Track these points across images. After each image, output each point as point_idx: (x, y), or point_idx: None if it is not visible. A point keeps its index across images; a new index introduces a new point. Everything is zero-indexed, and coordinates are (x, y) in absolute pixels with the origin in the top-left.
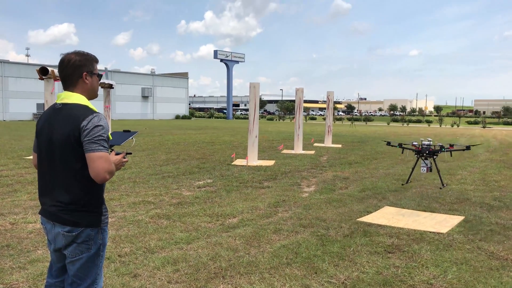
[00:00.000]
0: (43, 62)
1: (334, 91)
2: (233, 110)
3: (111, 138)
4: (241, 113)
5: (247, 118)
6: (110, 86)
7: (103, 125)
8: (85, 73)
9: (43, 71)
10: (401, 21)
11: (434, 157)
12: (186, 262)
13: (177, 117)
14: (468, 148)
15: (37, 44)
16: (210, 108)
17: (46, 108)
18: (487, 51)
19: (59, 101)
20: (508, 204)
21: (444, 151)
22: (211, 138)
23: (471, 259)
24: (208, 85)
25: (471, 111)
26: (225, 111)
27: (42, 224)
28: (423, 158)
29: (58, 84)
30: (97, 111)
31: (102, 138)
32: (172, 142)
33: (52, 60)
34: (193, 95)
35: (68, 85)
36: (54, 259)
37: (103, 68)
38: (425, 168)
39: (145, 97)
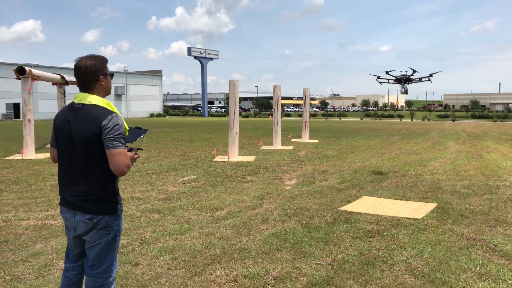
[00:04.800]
0: (8, 60)
1: (310, 88)
2: (208, 107)
3: (127, 134)
4: (216, 111)
5: (223, 116)
6: None
7: (121, 124)
8: (101, 76)
9: (21, 71)
10: (372, 17)
11: None
12: (182, 251)
13: (152, 115)
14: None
15: (0, 41)
16: (185, 106)
17: (21, 107)
18: (455, 47)
19: (77, 101)
20: (476, 192)
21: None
22: (190, 135)
23: (444, 240)
24: (181, 82)
25: (440, 105)
26: (199, 108)
27: (61, 213)
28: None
29: (35, 83)
30: (115, 111)
31: (121, 135)
32: (151, 140)
33: (18, 58)
34: (166, 93)
35: (86, 88)
36: (72, 245)
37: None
38: None
39: (118, 96)
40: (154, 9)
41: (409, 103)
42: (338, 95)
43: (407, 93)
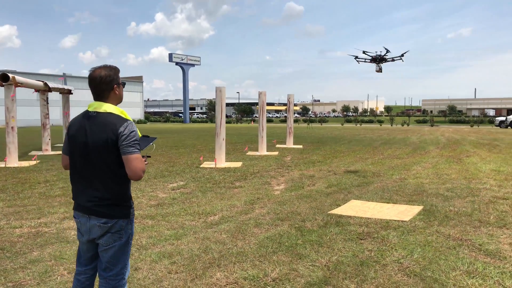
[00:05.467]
0: None
1: (294, 94)
2: (190, 113)
3: None
4: (198, 117)
5: (205, 122)
6: (70, 92)
7: (136, 130)
8: (115, 85)
9: (4, 78)
10: (352, 24)
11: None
12: (180, 255)
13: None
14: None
15: None
16: (166, 112)
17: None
18: (432, 53)
19: (92, 110)
20: (459, 194)
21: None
22: (174, 142)
23: (432, 241)
24: (162, 88)
25: (419, 110)
26: (181, 115)
27: (75, 218)
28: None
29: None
30: (129, 118)
31: (137, 142)
32: None
33: None
34: (147, 99)
35: (101, 98)
36: (84, 249)
37: (61, 74)
38: None
39: None
40: (133, 14)
41: (388, 109)
42: (319, 101)
43: (381, 71)
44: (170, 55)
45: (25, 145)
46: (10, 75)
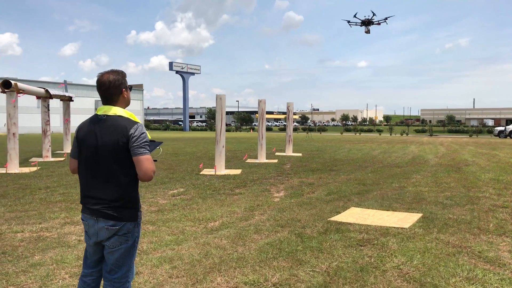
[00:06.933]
0: None
1: (293, 102)
2: (189, 121)
3: None
4: (197, 125)
5: (204, 130)
6: (70, 99)
7: (146, 132)
8: (123, 89)
9: (6, 85)
10: (350, 34)
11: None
12: (181, 260)
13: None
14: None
15: None
16: (165, 120)
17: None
18: (431, 63)
19: (101, 113)
20: (458, 202)
21: None
22: (174, 149)
23: (431, 247)
24: (162, 96)
25: (418, 120)
26: (180, 123)
27: (83, 220)
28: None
29: (19, 97)
30: (138, 121)
31: (147, 143)
32: None
33: None
34: (147, 107)
35: (110, 101)
36: (92, 252)
37: (62, 81)
38: None
39: None
40: (133, 23)
41: (387, 118)
42: (318, 109)
43: (369, 33)
44: (171, 64)
45: (26, 152)
46: (13, 82)
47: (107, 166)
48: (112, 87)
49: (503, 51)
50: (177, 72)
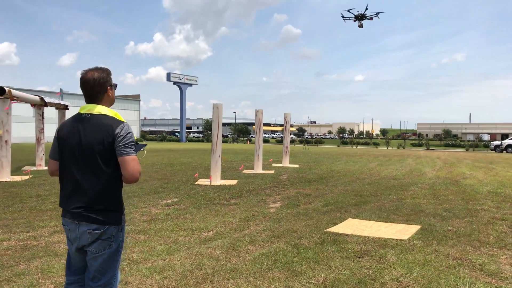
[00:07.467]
0: None
1: (290, 113)
2: (186, 132)
3: None
4: (194, 136)
5: (201, 141)
6: (66, 107)
7: (132, 132)
8: (108, 87)
9: (0, 91)
10: (347, 48)
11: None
12: (172, 270)
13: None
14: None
15: None
16: (162, 131)
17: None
18: (427, 78)
19: (85, 112)
20: (457, 215)
21: None
22: (169, 159)
23: (431, 260)
24: (159, 107)
25: (414, 134)
26: (177, 134)
27: (64, 225)
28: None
29: (14, 106)
30: (124, 121)
31: (134, 143)
32: None
33: None
34: (143, 118)
35: (94, 100)
36: (75, 259)
37: (58, 89)
38: None
39: None
40: (132, 34)
41: (383, 131)
42: (315, 122)
43: (362, 27)
44: (168, 75)
45: (19, 161)
46: (6, 88)
47: (91, 167)
48: (97, 85)
49: (499, 67)
50: (174, 83)
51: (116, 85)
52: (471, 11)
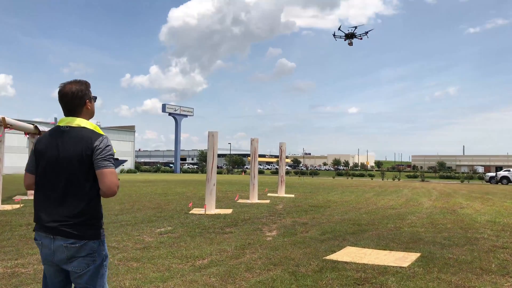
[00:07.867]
0: None
1: (285, 143)
2: (180, 164)
3: None
4: (189, 167)
5: (195, 172)
6: None
7: (111, 145)
8: (87, 100)
9: None
10: (341, 81)
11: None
12: None
13: (122, 171)
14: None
15: None
16: (156, 163)
17: None
18: (421, 111)
19: (63, 124)
20: (457, 243)
21: None
22: (163, 189)
23: (433, 287)
24: (153, 139)
25: (409, 166)
26: (171, 165)
27: (36, 240)
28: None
29: (8, 137)
30: (103, 134)
31: (112, 156)
32: (123, 193)
33: None
34: (138, 149)
35: (73, 113)
36: (52, 275)
37: (53, 119)
38: None
39: None
40: (128, 66)
41: (378, 163)
42: (310, 154)
43: (352, 45)
44: (164, 106)
45: (11, 190)
46: (0, 116)
47: (68, 180)
48: (76, 98)
49: (491, 100)
50: (170, 114)
51: (95, 97)
52: (462, 46)
